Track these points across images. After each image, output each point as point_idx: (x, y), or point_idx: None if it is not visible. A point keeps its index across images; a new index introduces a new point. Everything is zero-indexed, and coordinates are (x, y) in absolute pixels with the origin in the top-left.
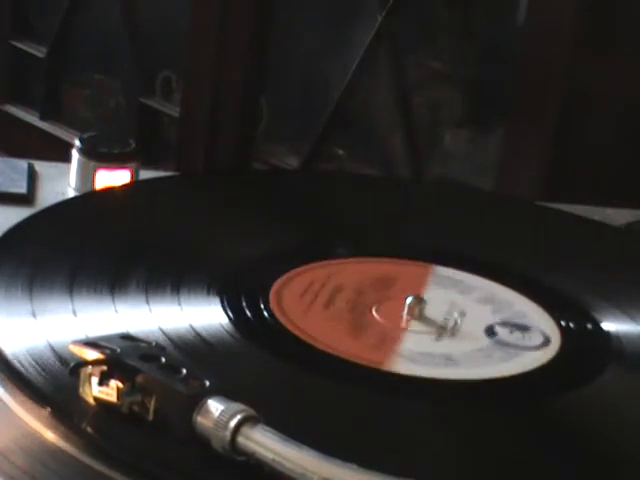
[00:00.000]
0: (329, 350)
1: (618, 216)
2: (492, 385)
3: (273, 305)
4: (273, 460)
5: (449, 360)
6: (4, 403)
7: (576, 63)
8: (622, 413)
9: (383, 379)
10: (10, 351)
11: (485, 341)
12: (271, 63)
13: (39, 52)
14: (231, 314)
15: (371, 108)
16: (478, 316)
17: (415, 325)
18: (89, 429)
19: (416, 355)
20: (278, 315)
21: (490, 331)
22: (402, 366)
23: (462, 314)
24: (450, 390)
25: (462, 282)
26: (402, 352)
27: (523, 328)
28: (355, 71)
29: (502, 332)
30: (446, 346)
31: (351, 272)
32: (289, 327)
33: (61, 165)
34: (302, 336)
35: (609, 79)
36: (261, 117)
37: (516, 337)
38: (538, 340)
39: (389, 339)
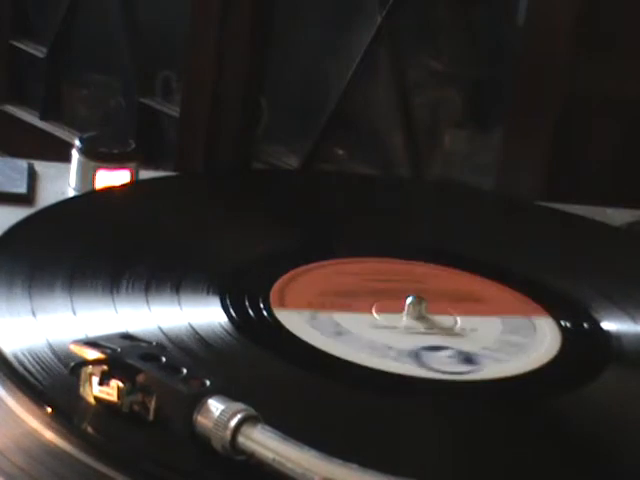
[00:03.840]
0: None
1: (618, 216)
2: (492, 385)
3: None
4: (273, 460)
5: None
6: (4, 402)
7: (576, 63)
8: (622, 413)
9: (383, 379)
10: (10, 350)
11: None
12: (271, 63)
13: (39, 52)
14: (231, 314)
15: (371, 108)
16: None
17: (417, 325)
18: (89, 429)
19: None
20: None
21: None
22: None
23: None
24: (450, 390)
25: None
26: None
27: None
28: (355, 71)
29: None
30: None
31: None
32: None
33: (61, 165)
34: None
35: (609, 79)
36: (261, 117)
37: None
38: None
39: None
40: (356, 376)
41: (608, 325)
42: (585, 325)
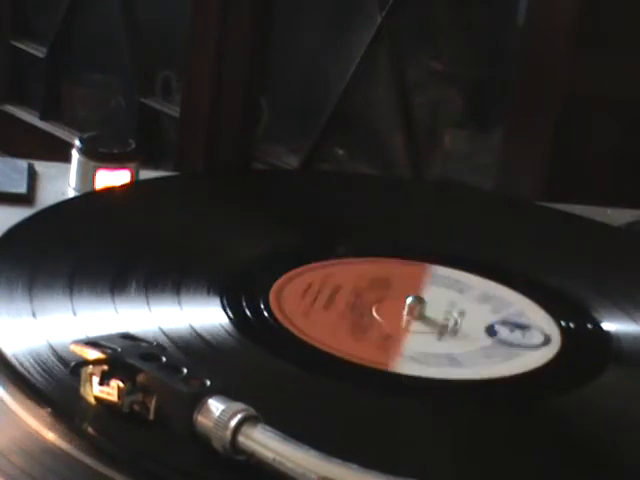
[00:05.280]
0: (329, 350)
1: (618, 216)
2: (492, 385)
3: (273, 305)
4: (274, 460)
5: (452, 360)
6: (4, 403)
7: (576, 63)
8: (622, 413)
9: (383, 379)
10: (10, 351)
11: (486, 340)
12: (271, 63)
13: (39, 52)
14: (231, 314)
15: (371, 108)
16: (478, 315)
17: (416, 325)
18: (90, 429)
19: (419, 355)
20: (278, 315)
21: (491, 330)
22: (406, 367)
23: (461, 313)
24: (450, 390)
25: (460, 281)
26: (405, 353)
27: (523, 327)
28: (355, 71)
29: (502, 331)
30: (448, 346)
31: (350, 272)
32: (289, 327)
33: (61, 165)
34: (302, 336)
35: (609, 79)
36: (261, 117)
37: (516, 336)
38: (538, 339)
39: (390, 339)
40: (356, 376)
41: (608, 325)
42: (585, 325)
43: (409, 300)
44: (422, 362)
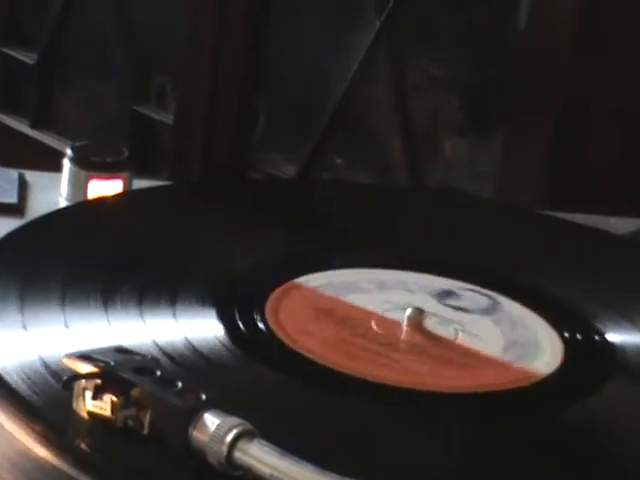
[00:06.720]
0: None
1: (622, 225)
2: (495, 395)
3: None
4: (271, 475)
5: None
6: None
7: (576, 64)
8: (626, 424)
9: (381, 391)
10: (1, 365)
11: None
12: (268, 71)
13: (30, 59)
14: (227, 326)
15: (370, 115)
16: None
17: (417, 337)
18: (83, 444)
19: None
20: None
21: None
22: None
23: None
24: (452, 400)
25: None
26: None
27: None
28: (354, 77)
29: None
30: None
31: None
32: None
33: (52, 175)
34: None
35: (609, 79)
36: (257, 125)
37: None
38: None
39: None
40: (355, 389)
41: (612, 336)
42: (589, 336)
43: (408, 311)
44: None
